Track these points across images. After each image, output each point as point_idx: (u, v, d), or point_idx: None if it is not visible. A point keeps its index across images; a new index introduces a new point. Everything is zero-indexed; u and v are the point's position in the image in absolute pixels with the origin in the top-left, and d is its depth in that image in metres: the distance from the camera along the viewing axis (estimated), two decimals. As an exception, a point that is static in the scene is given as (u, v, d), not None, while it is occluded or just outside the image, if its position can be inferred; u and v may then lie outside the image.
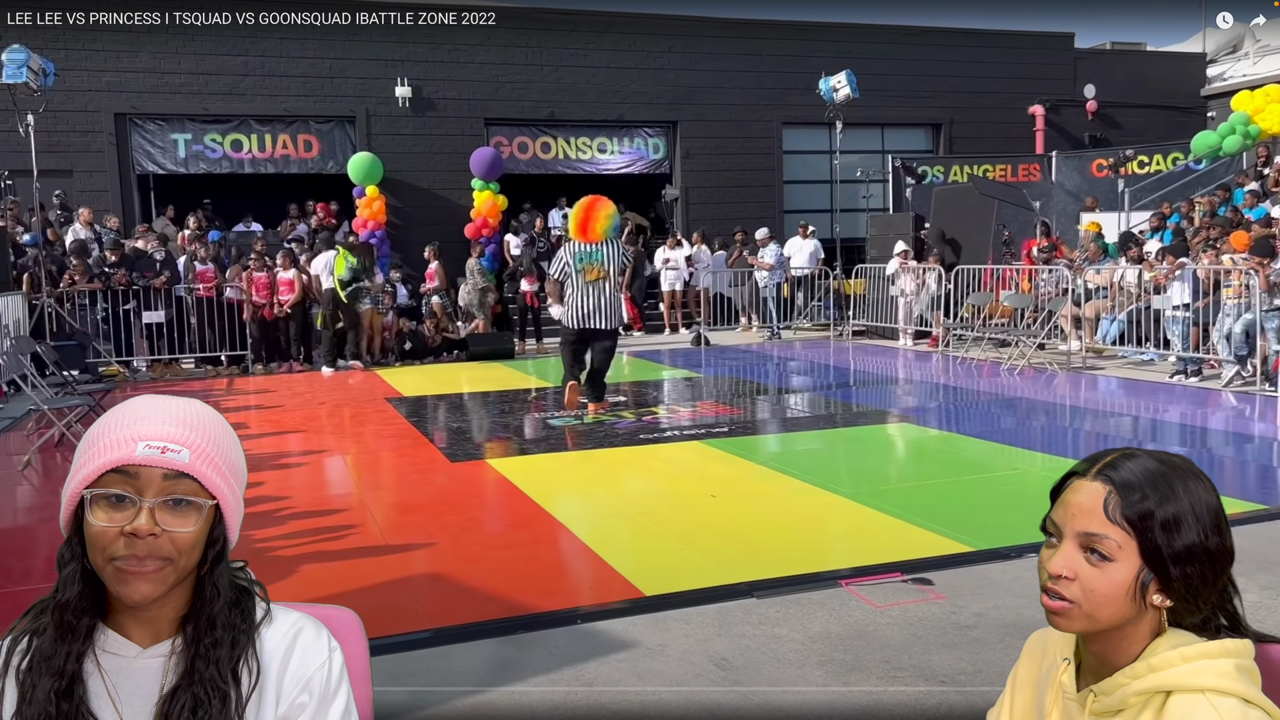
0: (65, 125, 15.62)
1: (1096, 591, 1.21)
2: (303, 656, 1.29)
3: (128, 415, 1.24)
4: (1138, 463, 1.24)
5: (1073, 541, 1.23)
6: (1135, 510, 1.20)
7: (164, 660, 1.25)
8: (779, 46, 19.10)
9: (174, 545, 1.20)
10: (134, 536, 1.17)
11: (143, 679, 1.24)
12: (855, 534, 5.30)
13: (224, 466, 1.26)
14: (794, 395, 10.55)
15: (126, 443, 1.20)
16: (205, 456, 1.23)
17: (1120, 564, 1.21)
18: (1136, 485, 1.21)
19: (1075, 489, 1.26)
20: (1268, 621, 3.79)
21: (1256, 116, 15.17)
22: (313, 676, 1.29)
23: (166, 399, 1.29)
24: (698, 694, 3.33)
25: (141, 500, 1.19)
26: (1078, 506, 1.24)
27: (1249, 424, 8.21)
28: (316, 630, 1.33)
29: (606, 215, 8.19)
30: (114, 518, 1.18)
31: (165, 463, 1.20)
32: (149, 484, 1.19)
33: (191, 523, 1.21)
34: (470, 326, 14.60)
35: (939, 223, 14.57)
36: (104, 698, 1.23)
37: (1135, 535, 1.20)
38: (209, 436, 1.25)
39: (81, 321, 12.49)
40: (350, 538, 5.33)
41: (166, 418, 1.24)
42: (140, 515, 1.18)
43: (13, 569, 5.10)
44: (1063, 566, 1.23)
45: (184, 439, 1.22)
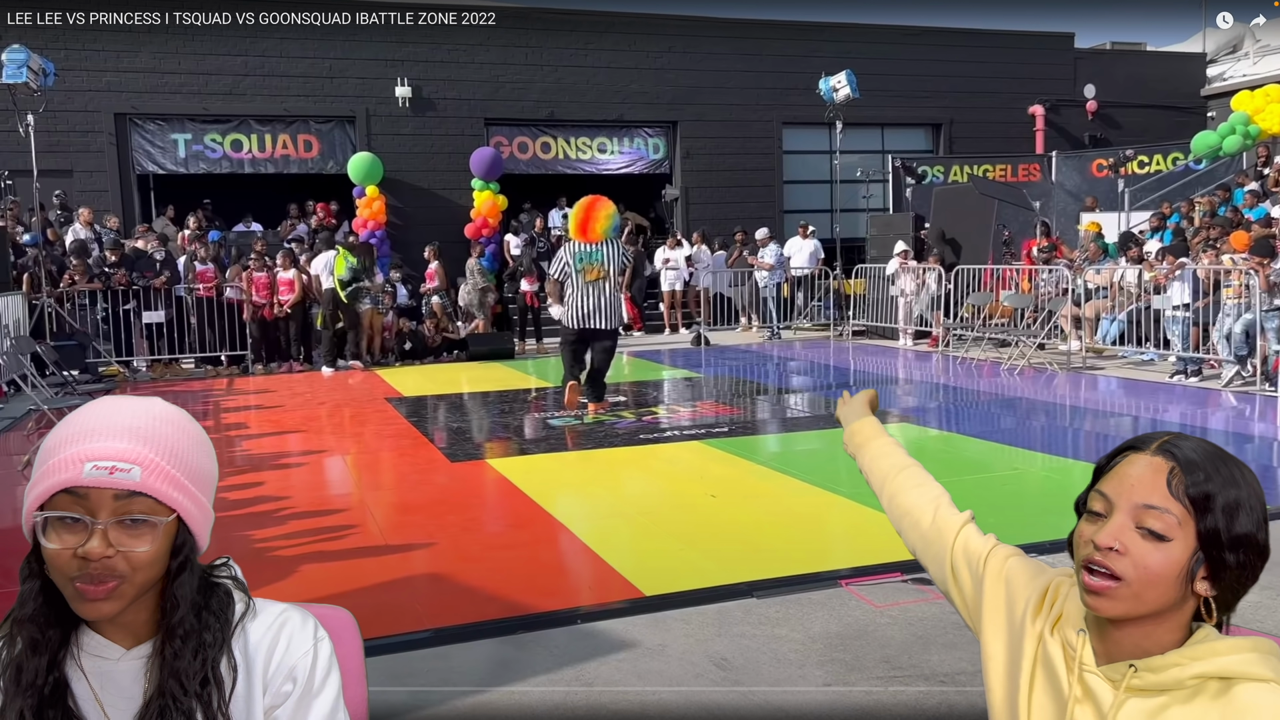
0: (65, 125, 15.62)
1: (1149, 568, 1.16)
2: (287, 645, 1.26)
3: (76, 430, 1.18)
4: (1198, 443, 1.21)
5: (1127, 515, 1.18)
6: (1199, 489, 1.16)
7: (144, 661, 1.23)
8: (779, 46, 19.10)
9: (129, 563, 1.15)
10: (86, 560, 1.13)
11: (126, 681, 1.22)
12: (855, 534, 5.29)
13: (183, 476, 1.20)
14: (794, 395, 10.55)
15: (73, 463, 1.15)
16: (158, 471, 1.17)
17: (1176, 543, 1.16)
18: (1200, 465, 1.18)
19: (1133, 462, 1.21)
20: (1268, 621, 3.78)
21: (1256, 116, 15.17)
22: (296, 664, 1.26)
23: (120, 405, 1.22)
24: (698, 694, 3.33)
25: (94, 522, 1.14)
26: (1138, 479, 1.19)
27: (1249, 424, 8.21)
28: (303, 619, 1.30)
29: (606, 215, 8.18)
30: (66, 540, 1.14)
31: (114, 483, 1.14)
32: (100, 505, 1.15)
33: (146, 541, 1.16)
34: (470, 326, 14.60)
35: (939, 223, 14.57)
36: (90, 700, 1.21)
37: (1194, 515, 1.16)
38: (163, 446, 1.19)
39: (81, 321, 12.49)
40: (350, 538, 5.33)
41: (116, 430, 1.17)
42: (92, 538, 1.14)
43: (13, 569, 5.09)
44: (1114, 539, 1.17)
45: (133, 455, 1.16)
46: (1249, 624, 3.65)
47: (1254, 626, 1.29)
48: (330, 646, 1.30)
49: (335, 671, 1.29)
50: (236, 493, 6.33)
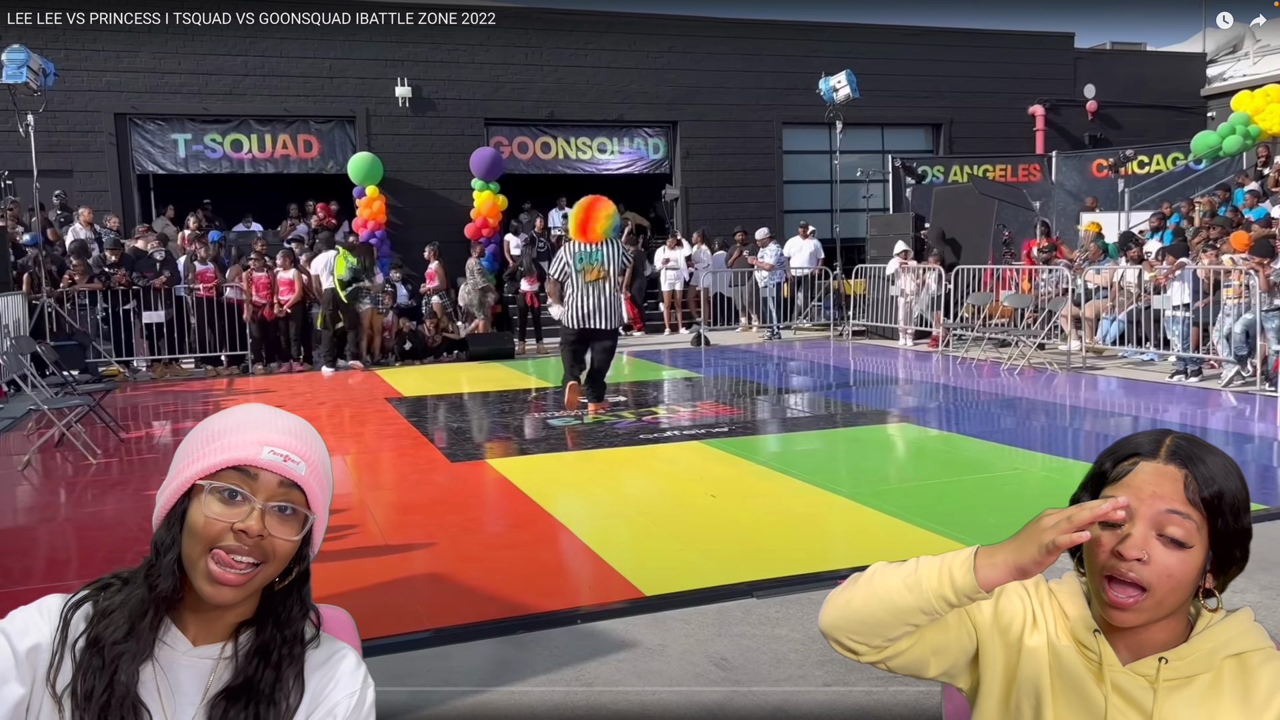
0: (65, 125, 15.62)
1: (1174, 575, 1.20)
2: (338, 681, 1.31)
3: (248, 419, 1.28)
4: (1198, 443, 1.24)
5: (1148, 524, 1.20)
6: (1212, 491, 1.20)
7: (212, 663, 1.27)
8: (779, 46, 19.10)
9: (273, 549, 1.24)
10: (243, 533, 1.21)
11: (187, 677, 1.26)
12: (855, 534, 5.30)
13: (327, 486, 1.32)
14: (794, 395, 10.55)
15: (252, 445, 1.24)
16: (317, 473, 1.29)
17: (1196, 548, 1.20)
18: (1208, 467, 1.21)
19: (1148, 471, 1.22)
20: (1268, 621, 3.78)
21: (1256, 116, 15.17)
22: (339, 703, 1.30)
23: (280, 411, 1.32)
24: (698, 694, 3.33)
25: (255, 501, 1.23)
26: (1156, 488, 1.21)
27: (1249, 424, 8.21)
28: (356, 663, 1.35)
29: (606, 215, 8.18)
30: (227, 513, 1.22)
31: (285, 470, 1.24)
32: (265, 487, 1.24)
33: (294, 531, 1.26)
34: (470, 326, 14.60)
35: (939, 223, 14.57)
36: (151, 687, 1.24)
37: (1208, 517, 1.20)
38: (319, 456, 1.30)
39: (81, 321, 12.49)
40: (350, 538, 5.33)
41: (288, 429, 1.28)
42: (252, 515, 1.22)
43: (13, 569, 5.10)
44: (1140, 549, 1.19)
45: (302, 452, 1.27)
46: (1249, 624, 3.59)
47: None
48: (373, 695, 1.36)
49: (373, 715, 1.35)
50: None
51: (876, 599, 1.26)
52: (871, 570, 1.30)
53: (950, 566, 1.23)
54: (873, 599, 1.27)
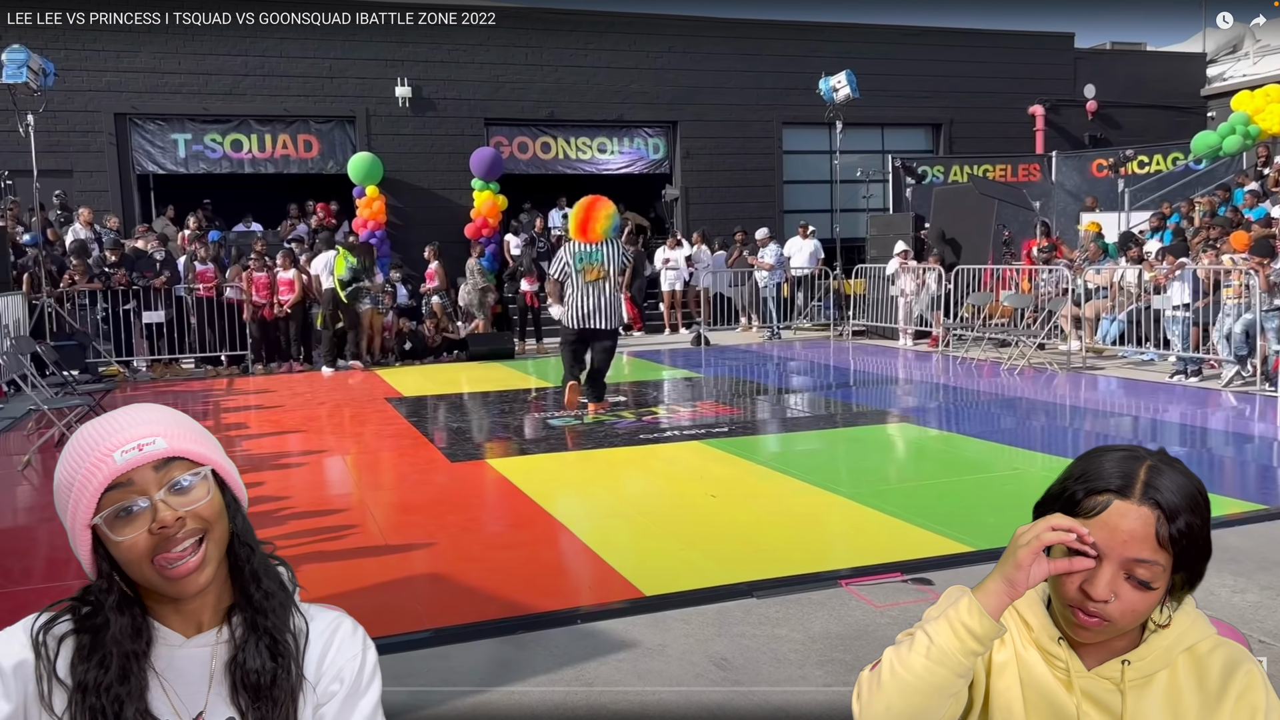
0: (65, 125, 15.62)
1: (1138, 612, 1.25)
2: (340, 648, 1.34)
3: (86, 444, 1.24)
4: (1169, 478, 1.24)
5: (1117, 565, 1.23)
6: (1180, 530, 1.22)
7: (210, 649, 1.28)
8: (779, 46, 19.10)
9: (200, 519, 1.23)
10: (164, 530, 1.20)
11: (189, 666, 1.27)
12: (855, 534, 5.29)
13: (200, 439, 1.28)
14: (794, 395, 10.55)
15: (103, 461, 1.21)
16: (179, 435, 1.25)
17: (1161, 583, 1.24)
18: (1179, 505, 1.23)
19: (1120, 512, 1.22)
20: (1268, 621, 3.78)
21: (1256, 116, 15.17)
22: (344, 666, 1.33)
23: (110, 415, 1.28)
24: (698, 694, 3.33)
25: (151, 497, 1.21)
26: (1129, 534, 1.22)
27: (1249, 424, 8.21)
28: (354, 627, 1.37)
29: (606, 215, 8.18)
30: (135, 527, 1.21)
31: (147, 457, 1.22)
32: (146, 483, 1.22)
33: (202, 492, 1.24)
34: (470, 326, 14.60)
35: (939, 223, 14.57)
36: (156, 688, 1.25)
37: (1175, 554, 1.23)
38: (171, 420, 1.28)
39: (81, 321, 12.48)
40: (350, 538, 5.33)
41: (124, 424, 1.25)
42: (159, 511, 1.21)
43: (13, 569, 5.10)
44: (1108, 591, 1.23)
45: (151, 431, 1.24)
46: (1248, 623, 3.63)
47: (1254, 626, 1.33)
48: (375, 655, 1.37)
49: (378, 678, 1.36)
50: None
51: (913, 690, 1.23)
52: (887, 665, 1.27)
53: (960, 619, 1.23)
54: (910, 691, 1.23)
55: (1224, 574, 4.26)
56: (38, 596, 4.54)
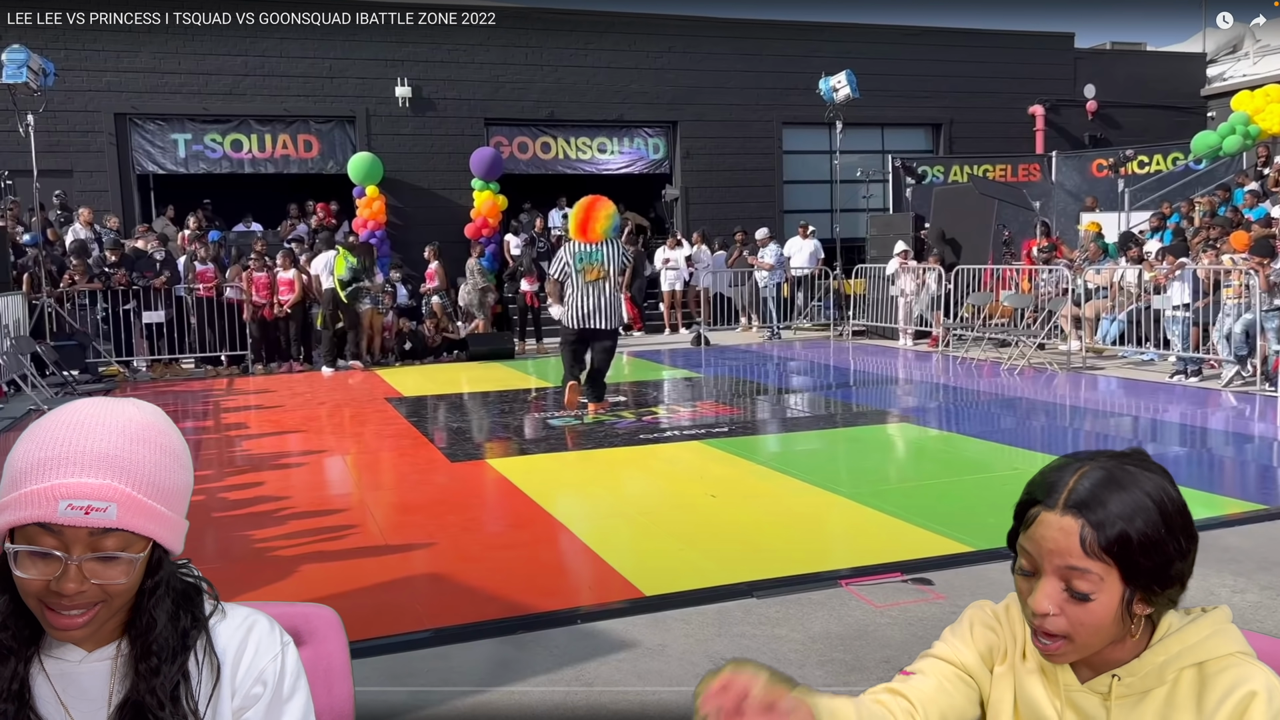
0: (65, 125, 15.62)
1: (1086, 625, 1.18)
2: (256, 649, 1.27)
3: (49, 454, 1.13)
4: (1100, 483, 1.19)
5: (1053, 576, 1.19)
6: (1111, 538, 1.16)
7: (110, 663, 1.22)
8: (779, 46, 19.10)
9: (104, 592, 1.15)
10: (60, 593, 1.12)
11: (89, 682, 1.22)
12: (855, 534, 5.29)
13: (158, 504, 1.16)
14: (794, 395, 10.55)
15: (48, 499, 1.10)
16: (134, 506, 1.14)
17: (1105, 594, 1.18)
18: (1108, 511, 1.16)
19: (1045, 523, 1.20)
20: (1268, 621, 3.78)
21: (1256, 116, 15.17)
22: (265, 668, 1.26)
23: (93, 420, 1.16)
24: (698, 694, 3.32)
25: (68, 558, 1.12)
26: (1053, 543, 1.19)
27: (1249, 424, 8.20)
28: (269, 625, 1.30)
29: (606, 215, 8.18)
30: (40, 569, 1.12)
31: (90, 523, 1.11)
32: (75, 540, 1.12)
33: (122, 574, 1.15)
34: (470, 326, 14.61)
35: (939, 223, 14.57)
36: (53, 701, 1.20)
37: (1116, 563, 1.17)
38: (139, 475, 1.15)
39: (81, 321, 12.49)
40: (350, 538, 5.33)
41: (90, 460, 1.13)
42: (66, 574, 1.12)
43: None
44: (1047, 604, 1.19)
45: (109, 493, 1.12)
46: (1249, 624, 3.62)
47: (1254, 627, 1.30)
48: (295, 653, 1.30)
49: (303, 677, 1.30)
50: (236, 493, 6.33)
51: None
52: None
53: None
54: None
55: (1224, 574, 4.26)
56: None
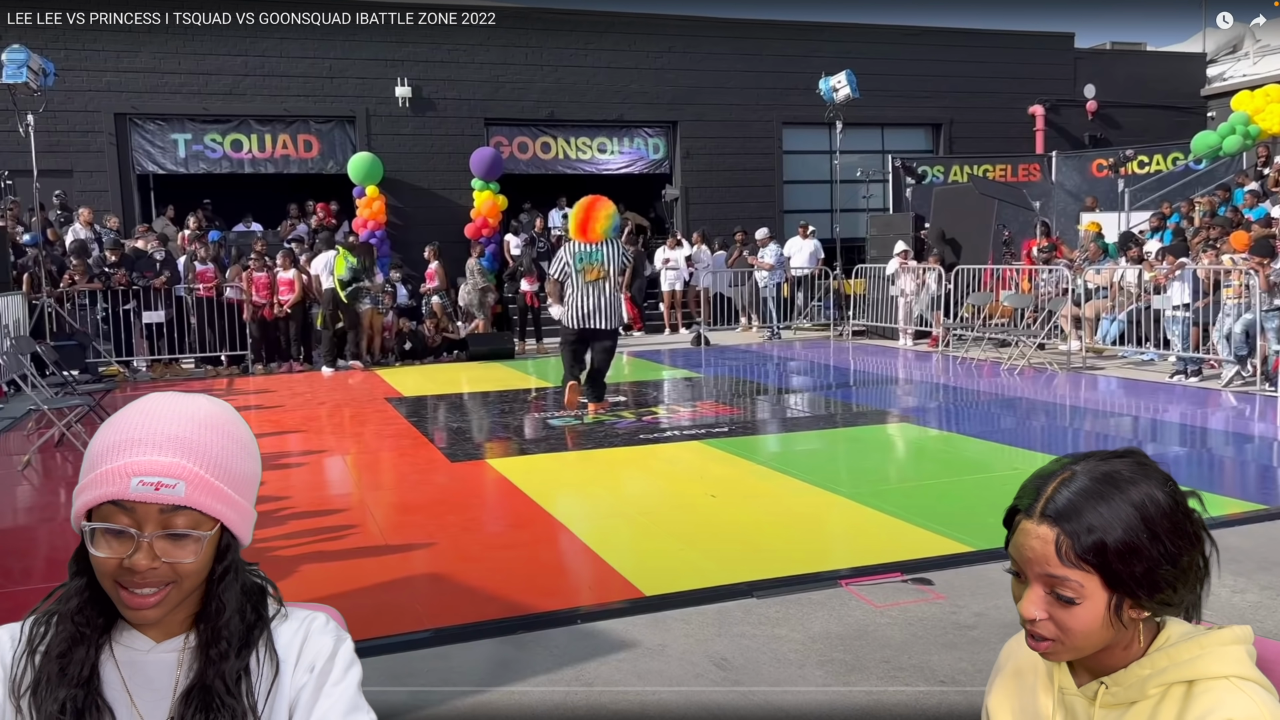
0: (65, 125, 15.62)
1: (1073, 630, 1.19)
2: (309, 639, 1.30)
3: (122, 437, 1.19)
4: (1080, 492, 1.19)
5: (1038, 582, 1.21)
6: (1086, 546, 1.16)
7: (177, 655, 1.26)
8: (779, 46, 19.10)
9: (175, 572, 1.18)
10: (132, 569, 1.16)
11: (156, 672, 1.25)
12: (855, 534, 5.29)
13: (226, 486, 1.21)
14: (794, 395, 10.55)
15: (120, 476, 1.16)
16: (202, 485, 1.19)
17: (1088, 600, 1.18)
18: (1083, 520, 1.17)
19: (1024, 531, 1.22)
20: (1268, 622, 3.78)
21: (1256, 116, 15.17)
22: (317, 655, 1.29)
23: (165, 408, 1.23)
24: (698, 694, 3.33)
25: (140, 535, 1.16)
26: (1031, 551, 1.20)
27: (1249, 424, 8.21)
28: (326, 620, 1.33)
29: (606, 215, 8.19)
30: (114, 548, 1.17)
31: (160, 499, 1.16)
32: (146, 518, 1.17)
33: (191, 553, 1.19)
34: (470, 326, 14.61)
35: (939, 223, 14.57)
36: (119, 688, 1.24)
37: (1095, 570, 1.17)
38: (208, 457, 1.20)
39: (81, 321, 12.48)
40: (350, 538, 5.33)
41: (161, 441, 1.18)
42: (138, 551, 1.16)
43: (13, 569, 5.10)
44: (1034, 610, 1.21)
45: (178, 470, 1.17)
46: (1248, 623, 3.65)
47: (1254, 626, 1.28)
48: (350, 645, 1.32)
49: (356, 667, 1.31)
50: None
51: None
52: None
53: None
54: None
55: (1224, 574, 4.26)
56: (37, 596, 4.53)
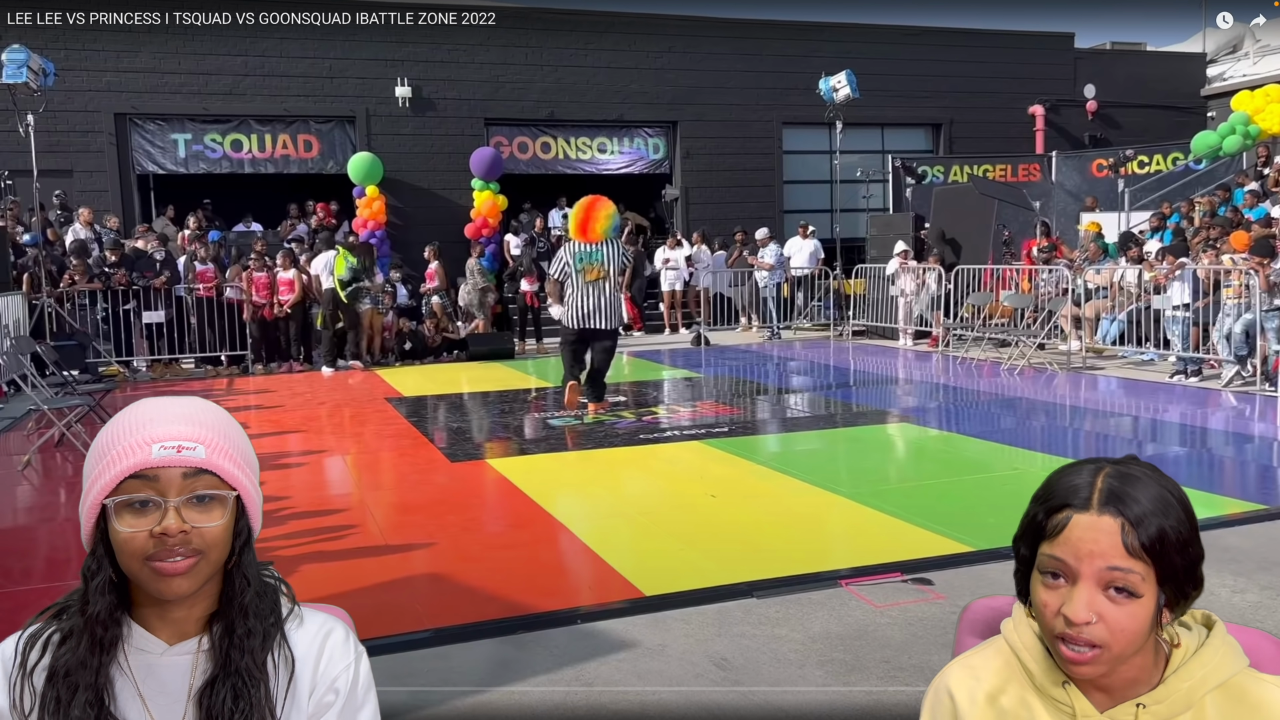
0: (65, 125, 15.62)
1: (1127, 630, 1.15)
2: (331, 656, 1.32)
3: (136, 419, 1.24)
4: (1128, 481, 1.17)
5: (1092, 581, 1.15)
6: (1151, 536, 1.14)
7: (191, 657, 1.26)
8: (779, 46, 19.10)
9: (203, 539, 1.21)
10: (165, 536, 1.18)
11: (169, 676, 1.25)
12: (855, 534, 5.29)
13: (239, 458, 1.26)
14: (794, 395, 10.55)
15: (140, 446, 1.20)
16: (220, 450, 1.24)
17: (1145, 597, 1.15)
18: (1145, 509, 1.15)
19: (1080, 525, 1.16)
20: (1268, 621, 3.78)
21: (1256, 116, 15.17)
22: (339, 676, 1.31)
23: (170, 399, 1.29)
24: (698, 694, 3.33)
25: (166, 501, 1.19)
26: (1094, 544, 1.15)
27: (1249, 424, 8.20)
28: (345, 633, 1.35)
29: (606, 215, 8.19)
30: (141, 522, 1.19)
31: (183, 461, 1.20)
32: (170, 484, 1.20)
33: (217, 516, 1.22)
34: (470, 326, 14.61)
35: (939, 223, 14.57)
36: (132, 694, 1.24)
37: (1154, 563, 1.15)
38: (219, 431, 1.26)
39: (81, 321, 12.49)
40: (350, 538, 5.33)
41: (175, 417, 1.24)
42: (168, 515, 1.19)
43: (13, 569, 5.10)
44: (1088, 611, 1.15)
45: (197, 436, 1.23)
46: (1248, 623, 3.64)
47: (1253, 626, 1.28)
48: (368, 662, 1.35)
49: (374, 688, 1.35)
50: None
51: None
52: None
53: None
54: None
55: (1224, 574, 4.26)
56: (38, 596, 4.54)
